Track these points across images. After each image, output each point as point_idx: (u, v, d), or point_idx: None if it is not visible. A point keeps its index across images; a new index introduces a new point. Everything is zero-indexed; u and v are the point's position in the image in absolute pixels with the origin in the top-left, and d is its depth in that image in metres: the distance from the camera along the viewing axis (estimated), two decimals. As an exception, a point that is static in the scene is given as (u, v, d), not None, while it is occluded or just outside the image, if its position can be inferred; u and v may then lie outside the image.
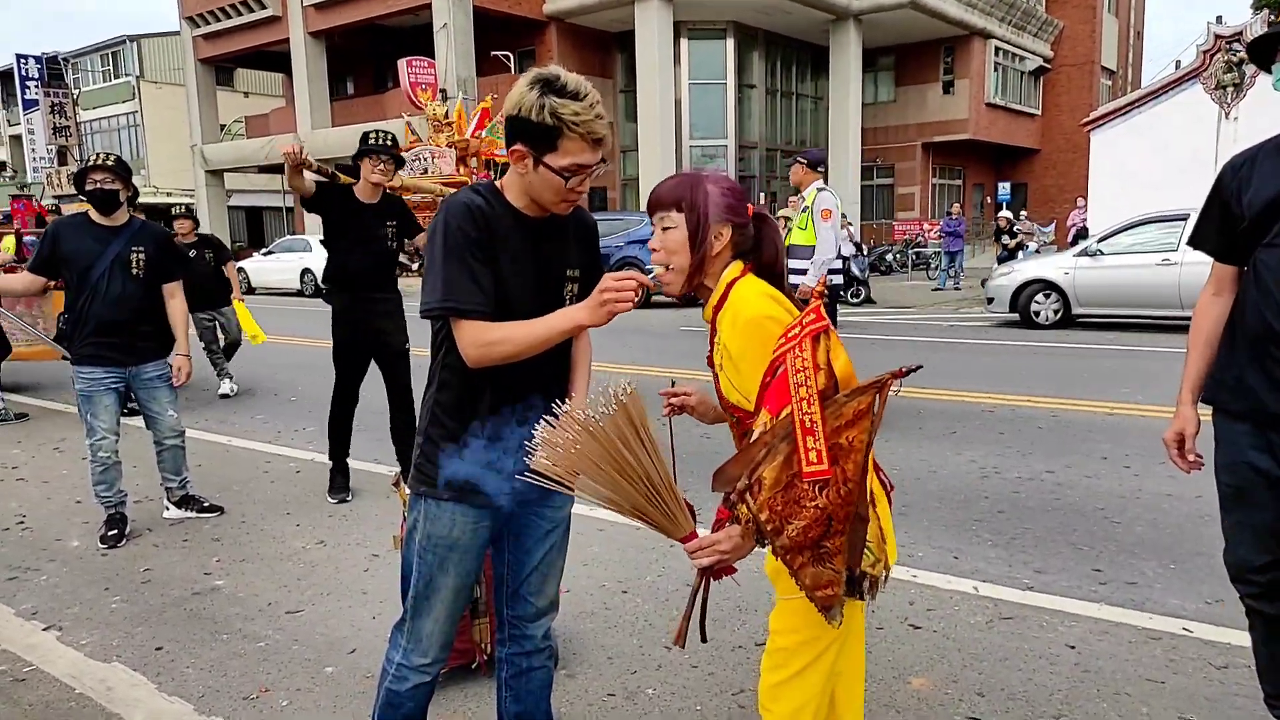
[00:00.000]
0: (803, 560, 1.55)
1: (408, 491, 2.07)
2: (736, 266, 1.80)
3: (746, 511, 1.52)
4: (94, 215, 4.22)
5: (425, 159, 6.65)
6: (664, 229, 1.79)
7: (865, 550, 1.65)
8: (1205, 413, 2.32)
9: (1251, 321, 2.15)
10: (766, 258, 1.83)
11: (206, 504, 4.73)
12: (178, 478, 4.65)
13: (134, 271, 4.23)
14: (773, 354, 1.59)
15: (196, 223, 8.19)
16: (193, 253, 7.63)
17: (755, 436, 1.54)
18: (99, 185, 4.13)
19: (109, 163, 4.17)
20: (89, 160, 4.22)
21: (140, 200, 4.50)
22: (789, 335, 1.56)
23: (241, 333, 8.23)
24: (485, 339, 1.80)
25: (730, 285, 1.77)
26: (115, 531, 4.33)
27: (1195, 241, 2.35)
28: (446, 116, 7.05)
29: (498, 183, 1.95)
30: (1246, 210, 2.15)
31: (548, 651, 2.20)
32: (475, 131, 7.04)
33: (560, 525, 2.12)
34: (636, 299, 1.70)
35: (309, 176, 4.64)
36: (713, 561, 1.59)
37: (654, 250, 1.81)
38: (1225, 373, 2.24)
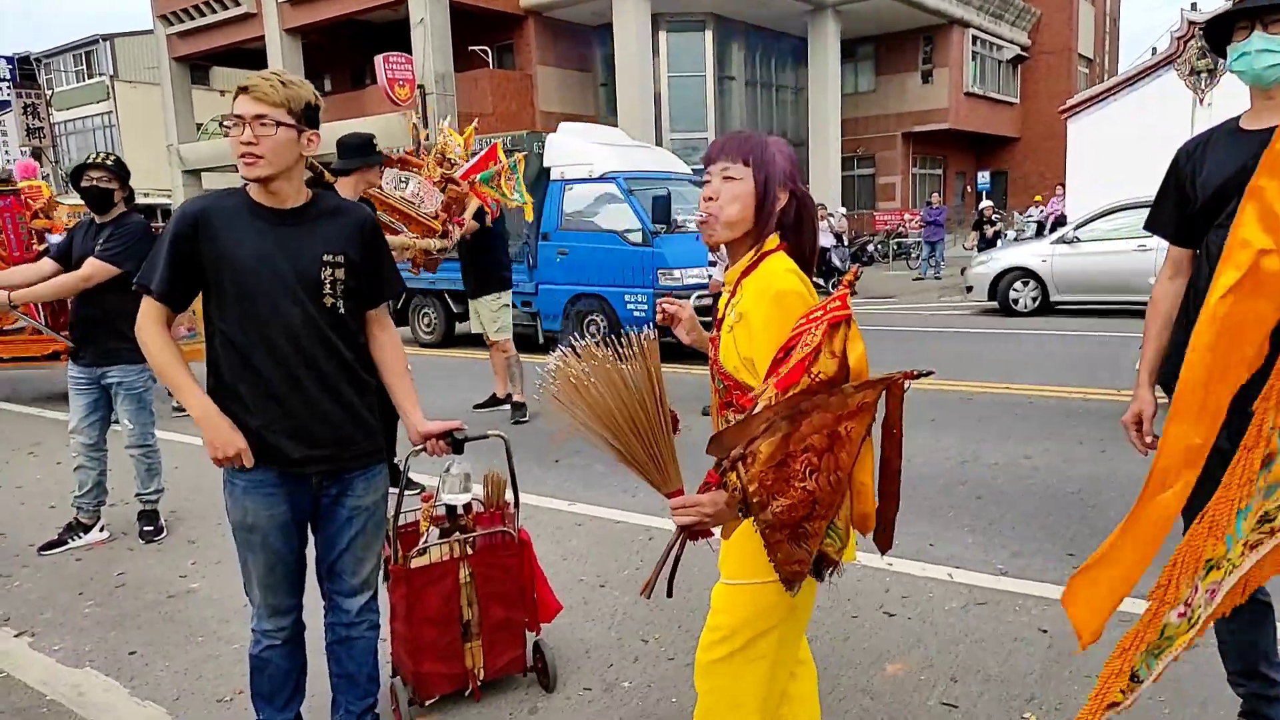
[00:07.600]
0: (780, 538, 1.57)
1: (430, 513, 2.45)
2: (775, 239, 1.79)
3: (736, 480, 1.52)
4: (94, 215, 4.18)
5: (407, 183, 5.67)
6: (725, 177, 1.76)
7: (832, 535, 1.66)
8: (1163, 395, 2.35)
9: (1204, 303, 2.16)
10: (806, 244, 1.83)
11: (150, 529, 4.43)
12: (143, 489, 4.44)
13: None
14: (791, 332, 1.59)
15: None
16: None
17: (758, 409, 1.54)
18: (95, 183, 4.08)
19: (107, 162, 4.13)
20: (88, 158, 4.17)
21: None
22: (810, 317, 1.56)
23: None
24: (148, 324, 2.15)
25: (765, 254, 1.77)
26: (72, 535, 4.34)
27: (1151, 225, 2.37)
28: (446, 159, 6.11)
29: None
30: (1200, 192, 2.17)
31: (367, 623, 2.42)
32: (469, 174, 6.12)
33: (363, 513, 2.31)
34: None
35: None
36: (693, 521, 1.60)
37: (709, 199, 1.78)
38: (1181, 355, 2.25)
